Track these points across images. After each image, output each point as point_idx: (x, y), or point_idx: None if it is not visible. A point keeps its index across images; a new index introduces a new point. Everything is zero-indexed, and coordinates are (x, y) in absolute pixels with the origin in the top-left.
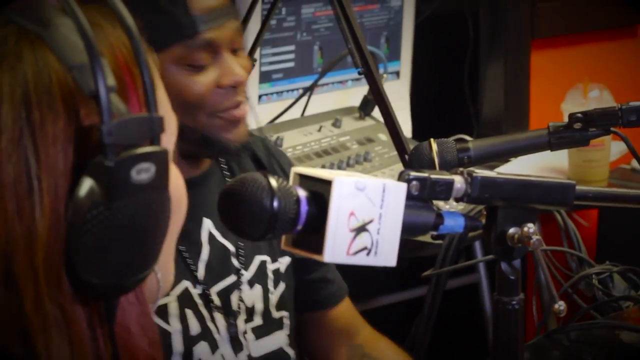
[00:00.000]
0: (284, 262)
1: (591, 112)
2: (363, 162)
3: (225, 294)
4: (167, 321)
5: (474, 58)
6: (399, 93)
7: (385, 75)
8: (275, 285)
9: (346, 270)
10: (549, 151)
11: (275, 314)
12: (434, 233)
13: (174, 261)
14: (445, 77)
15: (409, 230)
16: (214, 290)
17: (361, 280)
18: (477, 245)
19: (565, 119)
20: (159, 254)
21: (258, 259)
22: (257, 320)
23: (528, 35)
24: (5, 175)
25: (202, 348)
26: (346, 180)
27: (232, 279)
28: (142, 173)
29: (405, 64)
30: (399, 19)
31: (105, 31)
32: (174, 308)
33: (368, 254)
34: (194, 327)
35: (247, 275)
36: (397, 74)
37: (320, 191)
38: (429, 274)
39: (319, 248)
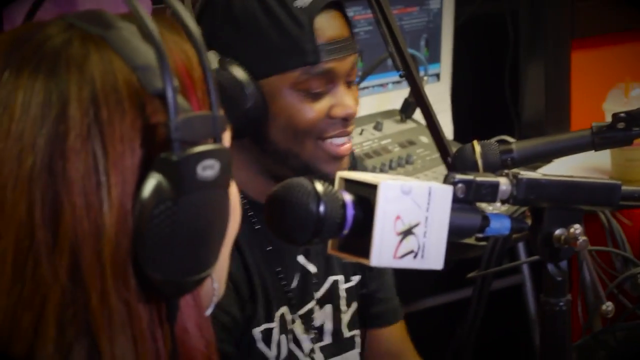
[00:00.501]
0: (355, 280)
1: (634, 112)
2: (405, 165)
3: (306, 317)
4: (269, 346)
5: (514, 59)
6: (439, 95)
7: (425, 78)
8: (348, 304)
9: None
10: (591, 151)
11: (347, 333)
12: (480, 235)
13: (227, 269)
14: (485, 78)
15: (455, 233)
16: (298, 314)
17: (406, 282)
18: (521, 246)
19: (607, 119)
20: (219, 255)
21: (331, 279)
22: (327, 340)
23: (568, 35)
24: (74, 171)
25: None
26: (392, 184)
27: (313, 302)
28: (208, 170)
29: (445, 66)
30: (439, 21)
31: (164, 37)
32: (275, 333)
33: (415, 257)
34: (283, 352)
35: (316, 295)
36: (438, 76)
37: (366, 195)
38: (474, 276)
39: (365, 252)
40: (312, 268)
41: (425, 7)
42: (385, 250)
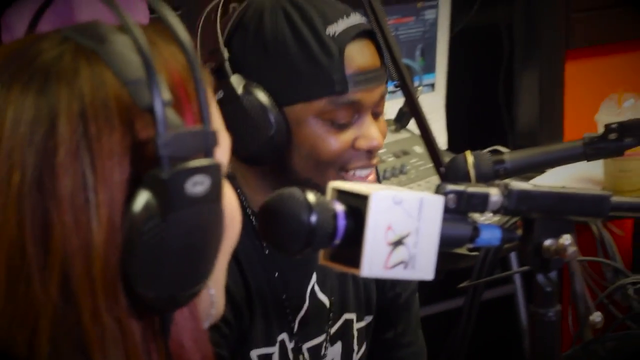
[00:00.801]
0: (367, 320)
1: (626, 123)
2: (399, 175)
3: (315, 351)
4: None
5: (508, 69)
6: (434, 105)
7: (420, 88)
8: (359, 345)
9: None
10: (584, 161)
11: None
12: (471, 245)
13: (224, 281)
14: (480, 88)
15: (446, 243)
16: (306, 347)
17: None
18: (513, 256)
19: (600, 129)
20: (213, 268)
21: (345, 316)
22: None
23: (562, 46)
24: (63, 188)
25: None
26: (383, 195)
27: (323, 336)
28: (197, 186)
29: (440, 76)
30: (434, 31)
31: (159, 48)
32: (276, 358)
33: (405, 267)
34: None
35: (329, 331)
36: (432, 86)
37: (357, 205)
38: (465, 286)
39: (356, 262)
40: (326, 301)
41: (421, 18)
42: (376, 261)
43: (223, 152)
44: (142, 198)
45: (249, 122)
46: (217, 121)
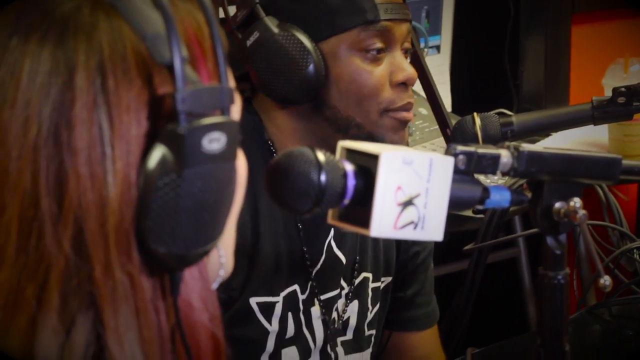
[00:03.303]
0: (385, 282)
1: (635, 86)
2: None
3: (327, 305)
4: (269, 321)
5: (514, 32)
6: (439, 67)
7: (426, 50)
8: (373, 304)
9: None
10: (589, 125)
11: (367, 332)
12: (479, 207)
13: (234, 242)
14: (485, 51)
15: (455, 205)
16: (320, 298)
17: None
18: (517, 219)
19: (606, 94)
20: (224, 227)
21: (362, 275)
22: (349, 335)
23: (568, 10)
24: (79, 141)
25: (291, 352)
26: (393, 155)
27: (337, 291)
28: (214, 142)
29: (445, 38)
30: None
31: (176, 5)
32: (278, 309)
33: (415, 228)
34: (290, 330)
35: (346, 289)
36: (438, 48)
37: (367, 165)
38: (470, 248)
39: (365, 222)
40: (342, 258)
41: None
42: (385, 221)
43: (237, 111)
44: (159, 153)
45: (286, 60)
46: (231, 80)
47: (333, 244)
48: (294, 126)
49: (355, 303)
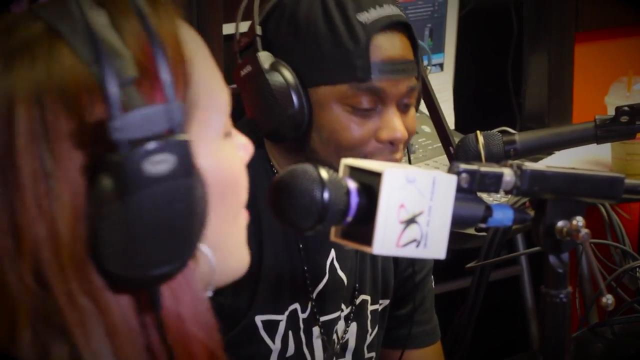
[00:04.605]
0: (383, 304)
1: (638, 105)
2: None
3: (328, 326)
4: (272, 339)
5: (517, 50)
6: (442, 85)
7: (429, 67)
8: (372, 326)
9: None
10: (592, 144)
11: (367, 355)
12: (482, 225)
13: (244, 243)
14: (488, 69)
15: (458, 223)
16: (320, 319)
17: None
18: (519, 237)
19: (609, 112)
20: (196, 240)
21: (361, 297)
22: (348, 357)
23: (572, 28)
24: (24, 178)
25: None
26: (397, 172)
27: (337, 313)
28: (160, 164)
29: (448, 56)
30: (443, 11)
31: (131, 25)
32: (282, 327)
33: (417, 245)
34: (290, 349)
35: (346, 311)
36: (441, 66)
37: (370, 183)
38: (473, 266)
39: (368, 240)
40: (345, 279)
41: None
42: (388, 239)
43: (212, 114)
44: (102, 182)
45: (272, 98)
46: (209, 82)
47: (336, 264)
48: (282, 159)
49: (354, 325)
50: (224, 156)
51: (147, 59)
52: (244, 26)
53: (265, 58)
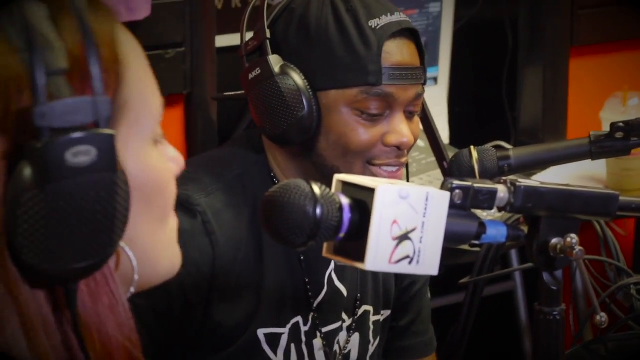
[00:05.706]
0: (384, 315)
1: (633, 122)
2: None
3: (329, 338)
4: (275, 352)
5: (512, 65)
6: (436, 99)
7: None
8: (374, 337)
9: None
10: (587, 160)
11: None
12: (475, 242)
13: (173, 245)
14: (483, 83)
15: (451, 239)
16: (322, 331)
17: None
18: (513, 253)
19: (604, 128)
20: (116, 237)
21: (363, 308)
22: None
23: (567, 43)
24: None
25: None
26: (390, 189)
27: (338, 324)
28: (81, 156)
29: (443, 70)
30: (438, 24)
31: (68, 17)
32: (284, 340)
33: (410, 262)
34: None
35: (347, 322)
36: (435, 80)
37: (363, 199)
38: (466, 282)
39: (361, 256)
40: (344, 290)
41: (425, 11)
42: (380, 255)
43: (142, 119)
44: (21, 169)
45: (281, 101)
46: (142, 85)
47: (334, 276)
48: (287, 164)
49: (357, 336)
50: (150, 160)
51: (80, 53)
52: (235, 38)
53: (275, 61)
